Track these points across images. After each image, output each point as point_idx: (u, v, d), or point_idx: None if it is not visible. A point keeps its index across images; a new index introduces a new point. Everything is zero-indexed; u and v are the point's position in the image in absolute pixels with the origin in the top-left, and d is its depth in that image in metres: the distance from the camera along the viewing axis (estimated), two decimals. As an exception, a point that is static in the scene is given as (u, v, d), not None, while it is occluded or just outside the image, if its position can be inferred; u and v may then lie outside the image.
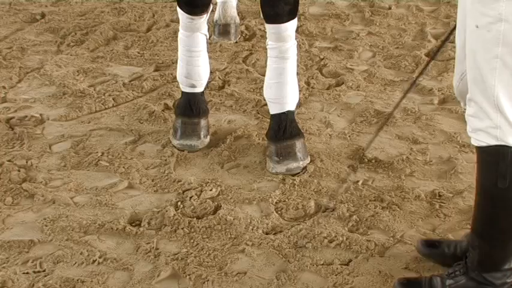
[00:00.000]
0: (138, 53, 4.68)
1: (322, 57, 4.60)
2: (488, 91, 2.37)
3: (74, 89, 4.20)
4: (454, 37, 2.69)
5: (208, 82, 4.20)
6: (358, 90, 4.22)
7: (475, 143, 2.51)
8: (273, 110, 3.52)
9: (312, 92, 4.17)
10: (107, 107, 4.05)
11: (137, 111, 3.98)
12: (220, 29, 4.86)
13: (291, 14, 3.39)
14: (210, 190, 3.32)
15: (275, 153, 3.47)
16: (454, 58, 4.55)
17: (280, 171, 3.45)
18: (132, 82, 4.30)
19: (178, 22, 5.02)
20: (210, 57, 4.52)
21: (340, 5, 5.48)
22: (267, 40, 3.49)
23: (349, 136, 3.77)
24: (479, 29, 2.33)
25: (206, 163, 3.55)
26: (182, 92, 3.73)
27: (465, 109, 2.54)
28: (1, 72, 4.42)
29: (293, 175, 3.44)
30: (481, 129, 2.44)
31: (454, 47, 4.65)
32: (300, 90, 4.07)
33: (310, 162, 3.50)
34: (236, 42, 4.85)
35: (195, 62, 3.66)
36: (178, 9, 3.62)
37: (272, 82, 3.50)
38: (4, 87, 4.22)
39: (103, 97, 4.11)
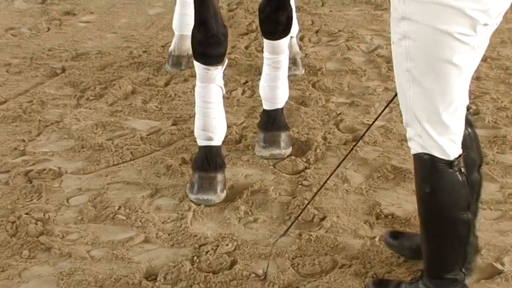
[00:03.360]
0: (156, 107, 4.73)
1: (338, 112, 4.62)
2: (407, 102, 2.58)
3: (92, 142, 4.23)
4: None
5: (226, 136, 4.23)
6: (375, 145, 4.22)
7: (411, 151, 2.67)
8: (266, 106, 4.08)
9: (328, 147, 4.18)
10: (124, 160, 4.07)
11: (154, 165, 4.00)
12: (174, 60, 5.26)
13: (284, 32, 3.92)
14: (227, 245, 3.31)
15: (262, 140, 4.05)
16: (471, 114, 4.57)
17: (265, 155, 4.03)
18: (149, 136, 4.33)
19: (195, 77, 5.13)
20: (227, 112, 4.57)
21: (356, 60, 5.53)
22: (264, 51, 4.05)
23: (366, 192, 3.76)
24: (394, 45, 2.55)
25: (223, 217, 3.54)
26: (199, 146, 3.75)
27: None
28: (21, 125, 4.47)
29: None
30: (411, 137, 2.64)
31: (470, 104, 4.66)
32: (316, 146, 4.12)
33: (327, 217, 3.50)
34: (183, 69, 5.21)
35: (211, 113, 3.71)
36: (194, 62, 3.70)
37: (266, 85, 4.07)
38: (23, 140, 4.27)
39: (121, 151, 4.14)
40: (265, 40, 4.00)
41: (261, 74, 4.32)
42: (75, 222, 3.49)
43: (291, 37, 5.20)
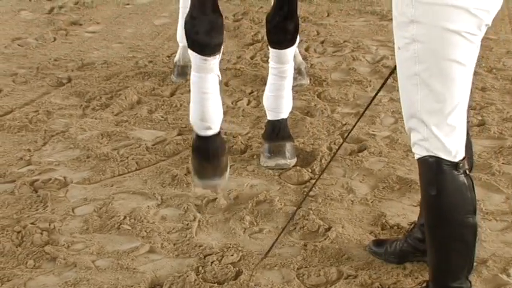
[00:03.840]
0: (162, 117, 4.74)
1: (344, 122, 4.62)
2: (413, 107, 2.61)
3: (97, 152, 4.24)
4: None
5: (231, 147, 4.24)
6: (380, 156, 4.22)
7: (415, 156, 2.70)
8: (270, 116, 4.08)
9: (334, 158, 4.17)
10: (129, 170, 4.07)
11: (160, 175, 4.00)
12: (179, 70, 5.32)
13: (291, 41, 3.95)
14: (232, 255, 3.30)
15: (267, 151, 4.02)
16: (476, 125, 4.57)
17: (270, 165, 4.00)
18: (155, 146, 4.34)
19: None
20: (232, 122, 4.59)
21: (362, 71, 5.54)
22: (269, 60, 4.04)
23: (372, 202, 3.75)
24: (400, 50, 2.59)
25: (228, 228, 3.54)
26: (197, 135, 3.73)
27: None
28: (27, 135, 4.48)
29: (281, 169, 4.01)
30: (416, 142, 2.66)
31: (475, 115, 4.66)
32: (321, 156, 4.12)
33: (332, 228, 3.49)
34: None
35: (208, 104, 3.66)
36: (190, 51, 3.64)
37: (270, 95, 4.06)
38: (29, 150, 4.28)
39: (126, 161, 4.15)
40: (271, 49, 4.01)
41: (266, 84, 4.36)
42: (81, 232, 3.49)
43: None
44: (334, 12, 6.96)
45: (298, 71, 5.08)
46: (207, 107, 3.66)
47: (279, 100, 4.05)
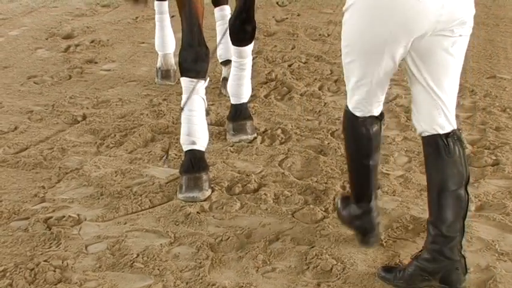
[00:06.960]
0: (175, 155, 4.75)
1: (357, 161, 4.61)
2: (345, 73, 3.41)
3: (111, 189, 4.25)
4: None
5: (244, 185, 4.24)
6: (394, 195, 4.21)
7: (358, 114, 3.47)
8: (233, 101, 4.96)
9: (347, 197, 4.16)
10: (143, 208, 4.08)
11: (173, 213, 4.01)
12: (163, 74, 6.13)
13: (249, 40, 4.84)
14: (244, 294, 3.29)
15: (232, 129, 4.91)
16: (490, 165, 4.55)
17: (235, 140, 4.87)
18: (168, 184, 4.35)
19: (214, 124, 5.16)
20: (246, 160, 4.60)
21: (375, 110, 5.52)
22: (232, 56, 4.94)
23: (385, 242, 3.73)
24: (341, 32, 3.31)
25: (241, 266, 3.53)
26: (184, 151, 4.28)
27: None
28: (41, 172, 4.51)
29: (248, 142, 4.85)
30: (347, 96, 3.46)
31: (489, 154, 4.64)
32: (335, 195, 4.12)
33: (346, 268, 3.47)
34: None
35: (194, 120, 4.28)
36: (181, 78, 4.33)
37: (233, 83, 4.92)
38: (43, 187, 4.30)
39: (140, 198, 4.15)
40: (233, 47, 4.86)
41: (280, 123, 4.37)
42: (94, 270, 3.49)
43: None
44: (348, 51, 6.98)
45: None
46: (193, 123, 4.27)
47: (240, 88, 4.90)
